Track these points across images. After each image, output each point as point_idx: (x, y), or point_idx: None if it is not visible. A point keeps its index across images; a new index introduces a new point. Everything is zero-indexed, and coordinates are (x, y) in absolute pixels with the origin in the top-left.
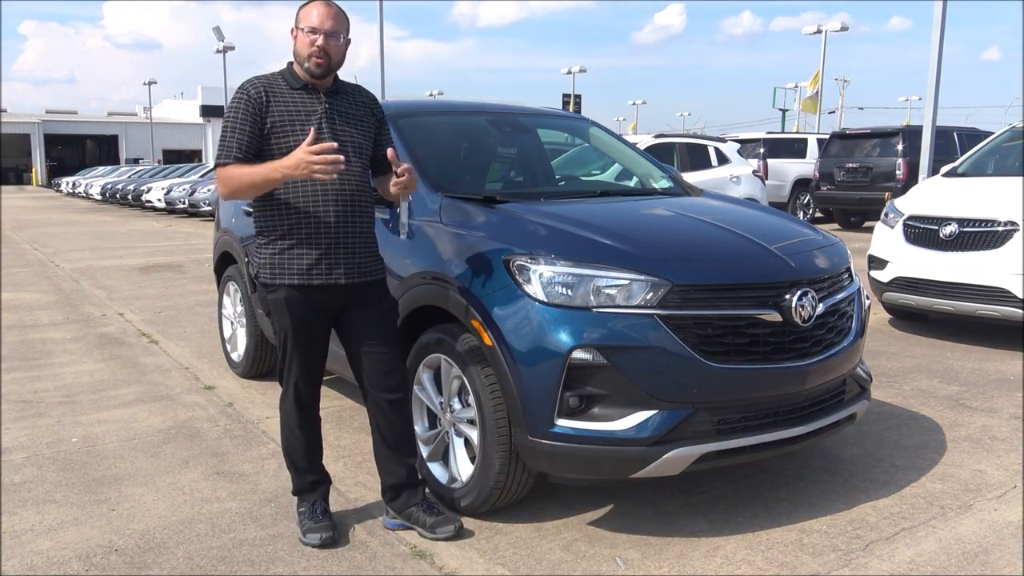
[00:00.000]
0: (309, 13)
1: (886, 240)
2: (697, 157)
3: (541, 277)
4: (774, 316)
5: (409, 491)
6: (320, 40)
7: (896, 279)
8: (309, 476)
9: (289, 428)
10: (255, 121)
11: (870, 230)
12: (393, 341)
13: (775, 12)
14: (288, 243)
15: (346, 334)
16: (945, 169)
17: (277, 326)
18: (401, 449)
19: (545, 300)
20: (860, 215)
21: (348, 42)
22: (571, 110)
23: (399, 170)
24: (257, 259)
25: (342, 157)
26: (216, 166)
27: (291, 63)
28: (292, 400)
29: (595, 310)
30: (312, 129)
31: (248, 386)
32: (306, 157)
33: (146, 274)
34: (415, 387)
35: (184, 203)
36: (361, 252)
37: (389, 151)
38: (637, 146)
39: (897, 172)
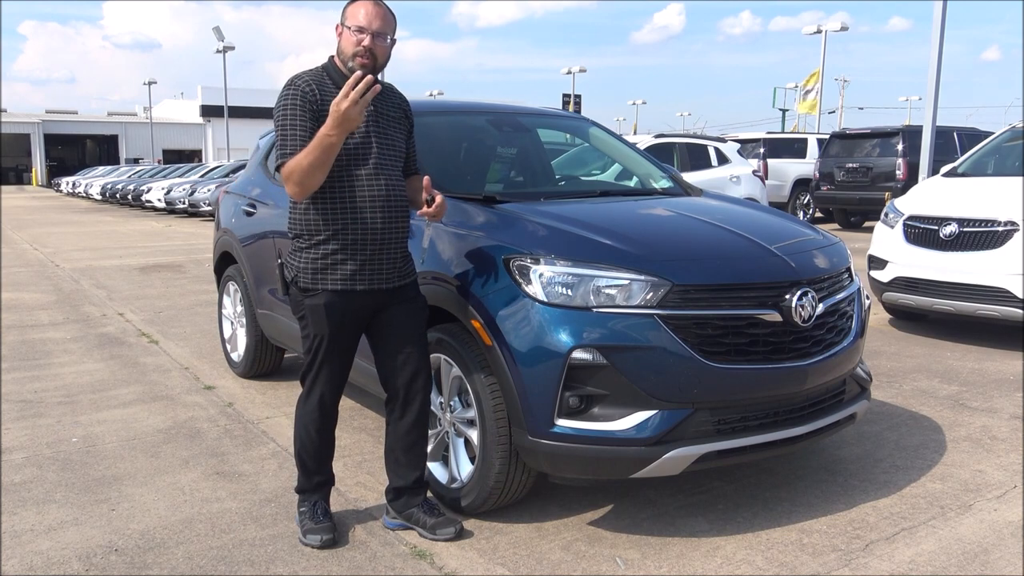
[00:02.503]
0: (356, 11)
1: (886, 240)
2: (697, 157)
3: (541, 277)
4: (774, 316)
5: (411, 493)
6: (367, 40)
7: (896, 279)
8: (316, 478)
9: (306, 430)
10: (312, 115)
11: (870, 230)
12: (423, 341)
13: (774, 12)
14: (332, 247)
15: (377, 333)
16: (945, 169)
17: (312, 331)
18: (414, 453)
19: (545, 300)
20: (860, 215)
21: (394, 42)
22: (571, 110)
23: (435, 199)
24: (295, 263)
25: (372, 77)
26: (279, 164)
27: (332, 57)
28: (315, 404)
29: (595, 310)
30: (358, 73)
31: (248, 386)
32: (340, 104)
33: (146, 274)
34: None
35: (184, 203)
36: (402, 256)
37: (425, 179)
38: (637, 146)
39: (897, 172)
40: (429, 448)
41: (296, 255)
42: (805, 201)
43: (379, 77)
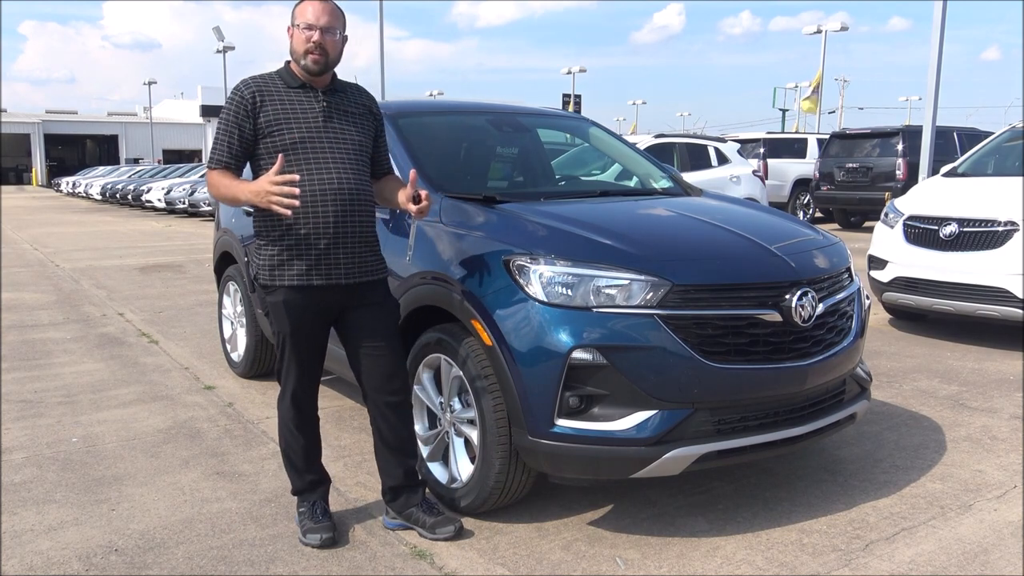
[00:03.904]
0: (304, 10)
1: (886, 240)
2: (697, 157)
3: (541, 277)
4: (774, 316)
5: (409, 492)
6: (316, 36)
7: (896, 279)
8: (308, 476)
9: (287, 428)
10: (243, 125)
11: (870, 230)
12: (394, 342)
13: (774, 12)
14: (287, 244)
15: (347, 335)
16: (945, 169)
17: (276, 327)
18: (401, 451)
19: (545, 300)
20: (860, 215)
21: (345, 39)
22: (571, 110)
23: (421, 195)
24: (256, 260)
25: (297, 191)
26: (207, 167)
27: (288, 62)
28: (290, 401)
29: (595, 310)
30: (280, 157)
31: (248, 386)
32: (266, 187)
33: (146, 274)
34: (415, 387)
35: (184, 203)
36: (362, 251)
37: (412, 172)
38: (637, 146)
39: (897, 172)
40: (430, 448)
41: (256, 252)
42: (805, 201)
43: (335, 74)
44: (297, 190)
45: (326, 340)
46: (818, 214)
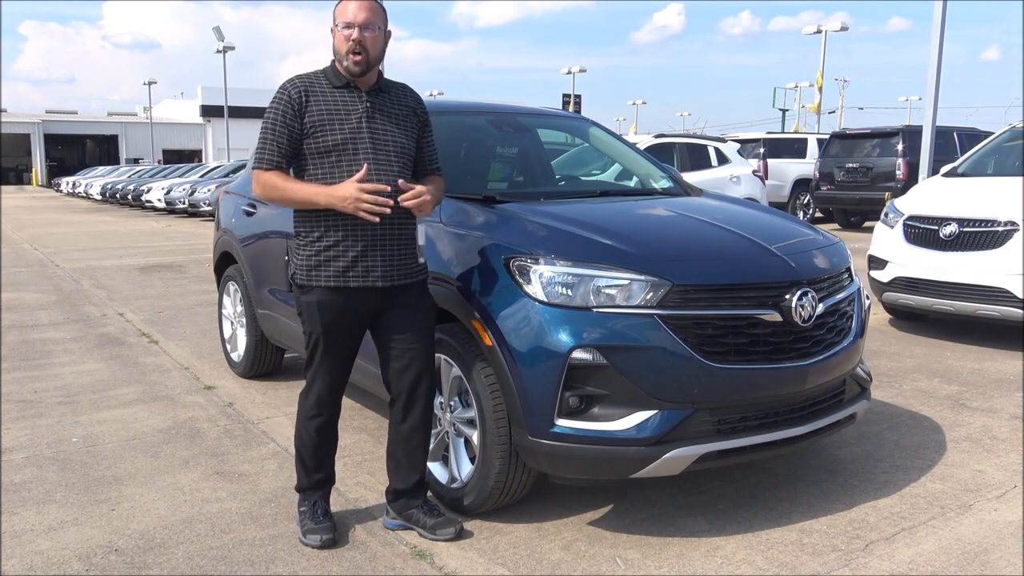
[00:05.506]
0: (344, 9)
1: (886, 240)
2: (697, 157)
3: (541, 277)
4: (774, 316)
5: (411, 495)
6: (355, 34)
7: (896, 279)
8: (316, 475)
9: (304, 427)
10: (292, 125)
11: (870, 230)
12: (429, 343)
13: (774, 12)
14: (325, 244)
15: (381, 337)
16: (945, 169)
17: (308, 328)
18: (415, 456)
19: (545, 300)
20: (860, 215)
21: (388, 35)
22: (571, 110)
23: (412, 192)
24: (295, 259)
25: (391, 201)
26: (254, 168)
27: (334, 61)
28: (313, 402)
29: (595, 310)
30: (365, 165)
31: (248, 386)
32: (357, 194)
33: (146, 274)
34: None
35: (184, 203)
36: (400, 254)
37: (400, 181)
38: (637, 146)
39: (897, 172)
40: (430, 448)
41: (296, 252)
42: (805, 201)
43: (381, 73)
44: (390, 200)
45: (358, 344)
46: (818, 214)
